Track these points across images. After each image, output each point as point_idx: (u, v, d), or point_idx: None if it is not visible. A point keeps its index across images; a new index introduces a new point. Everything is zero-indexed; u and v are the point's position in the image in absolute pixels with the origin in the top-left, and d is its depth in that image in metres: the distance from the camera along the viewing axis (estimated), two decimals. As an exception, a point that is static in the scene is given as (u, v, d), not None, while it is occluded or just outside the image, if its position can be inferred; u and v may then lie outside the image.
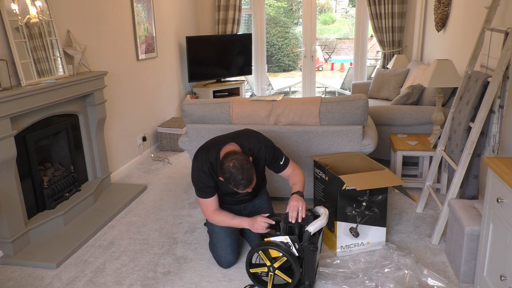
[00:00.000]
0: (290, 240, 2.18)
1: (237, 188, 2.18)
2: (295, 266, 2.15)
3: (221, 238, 2.51)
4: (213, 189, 2.40)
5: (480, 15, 3.27)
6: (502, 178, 1.82)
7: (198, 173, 2.35)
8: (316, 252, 2.18)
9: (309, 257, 2.18)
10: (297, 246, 2.18)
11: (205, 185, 2.37)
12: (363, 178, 2.51)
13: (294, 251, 2.18)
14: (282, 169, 2.49)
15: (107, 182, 3.71)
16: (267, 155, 2.42)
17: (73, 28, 3.37)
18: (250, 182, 2.17)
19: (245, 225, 2.37)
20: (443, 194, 3.40)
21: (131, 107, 4.33)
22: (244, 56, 6.08)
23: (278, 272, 2.22)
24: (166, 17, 5.20)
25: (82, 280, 2.46)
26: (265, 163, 2.46)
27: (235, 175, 2.12)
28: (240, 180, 2.12)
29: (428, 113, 3.73)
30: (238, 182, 2.13)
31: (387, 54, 5.96)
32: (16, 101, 2.56)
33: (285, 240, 2.18)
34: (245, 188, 2.18)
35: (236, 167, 2.11)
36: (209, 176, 2.34)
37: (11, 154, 2.56)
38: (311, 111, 3.07)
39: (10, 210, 2.63)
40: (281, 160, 2.47)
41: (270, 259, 2.23)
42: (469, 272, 2.29)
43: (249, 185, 2.17)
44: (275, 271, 2.22)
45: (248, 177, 2.14)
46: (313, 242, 2.17)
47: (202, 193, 2.40)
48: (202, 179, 2.35)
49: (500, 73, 2.43)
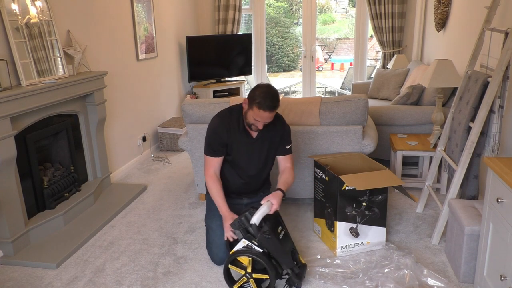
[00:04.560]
0: (247, 240, 2.22)
1: (262, 107, 2.24)
2: (265, 261, 2.17)
3: (216, 236, 2.53)
4: (222, 149, 2.46)
5: (480, 15, 3.27)
6: (502, 178, 1.82)
7: (216, 122, 2.47)
8: (275, 239, 2.19)
9: (271, 246, 2.20)
10: (256, 242, 2.21)
11: (216, 139, 2.44)
12: (363, 178, 2.51)
13: (257, 249, 2.20)
14: (284, 154, 2.57)
15: (107, 182, 3.71)
16: (284, 128, 2.54)
17: (73, 28, 3.37)
18: (276, 101, 2.27)
19: (222, 215, 2.44)
20: (443, 194, 3.40)
21: (131, 107, 4.33)
22: (244, 56, 6.08)
23: (256, 275, 2.24)
24: (166, 17, 5.20)
25: (82, 280, 2.46)
26: (280, 136, 2.53)
27: (263, 89, 2.28)
28: (266, 93, 2.25)
29: (428, 113, 3.73)
30: (264, 95, 2.24)
31: (387, 54, 5.96)
32: (16, 101, 2.56)
33: (244, 243, 2.23)
34: (270, 109, 2.25)
35: (264, 85, 2.31)
36: (225, 128, 2.43)
37: (11, 154, 2.56)
38: (311, 111, 3.07)
39: (10, 210, 2.63)
40: (288, 144, 2.56)
41: (243, 267, 2.25)
42: (469, 272, 2.29)
43: (274, 105, 2.26)
44: (252, 276, 2.23)
45: (275, 94, 2.28)
46: (264, 231, 2.18)
47: (209, 149, 2.48)
48: (217, 130, 2.44)
49: (500, 73, 2.43)
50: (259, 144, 2.50)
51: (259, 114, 2.27)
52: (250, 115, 2.33)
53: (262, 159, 2.54)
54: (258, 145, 2.50)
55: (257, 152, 2.51)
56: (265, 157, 2.55)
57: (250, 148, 2.49)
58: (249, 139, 2.48)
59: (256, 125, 2.36)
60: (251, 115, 2.32)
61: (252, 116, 2.32)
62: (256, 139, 2.49)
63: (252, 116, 2.32)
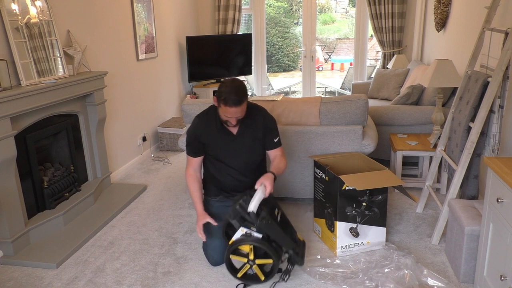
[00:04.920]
0: (246, 228, 2.20)
1: (228, 103, 2.24)
2: (266, 246, 2.17)
3: (211, 239, 2.54)
4: (200, 148, 2.51)
5: (480, 15, 3.27)
6: (502, 178, 1.82)
7: (193, 123, 2.52)
8: (274, 223, 2.19)
9: (271, 231, 2.19)
10: (255, 229, 2.20)
11: (193, 140, 2.49)
12: (363, 178, 2.51)
13: (257, 235, 2.19)
14: (273, 147, 2.57)
15: (107, 182, 3.71)
16: (266, 122, 2.52)
17: (73, 28, 3.37)
18: (241, 94, 2.26)
19: (196, 213, 2.53)
20: (443, 194, 3.40)
21: (131, 107, 4.33)
22: (244, 56, 6.08)
23: (259, 261, 2.23)
24: (166, 17, 5.20)
25: (82, 280, 2.46)
26: (263, 132, 2.51)
27: (227, 84, 2.28)
28: (229, 88, 2.25)
29: (428, 113, 3.73)
30: (228, 90, 2.24)
31: (387, 54, 5.96)
32: (16, 101, 2.56)
33: (242, 232, 2.21)
34: (236, 104, 2.24)
35: (228, 81, 2.31)
36: (200, 128, 2.47)
37: (11, 154, 2.56)
38: (311, 111, 3.07)
39: (10, 210, 2.63)
40: (275, 137, 2.56)
41: (244, 255, 2.25)
42: (469, 272, 2.29)
43: (239, 99, 2.24)
44: (255, 262, 2.23)
45: (239, 88, 2.27)
46: (263, 217, 2.16)
47: (188, 149, 2.54)
48: (194, 130, 2.49)
49: (500, 73, 2.43)
50: (241, 140, 2.49)
51: (227, 110, 2.28)
52: (221, 112, 2.35)
53: (246, 153, 2.53)
54: (240, 141, 2.49)
55: (239, 148, 2.50)
56: (250, 151, 2.53)
57: (232, 145, 2.49)
58: (230, 136, 2.48)
59: (230, 121, 2.36)
60: (221, 112, 2.34)
61: (222, 113, 2.33)
62: (236, 135, 2.49)
63: (223, 113, 2.33)
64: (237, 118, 2.35)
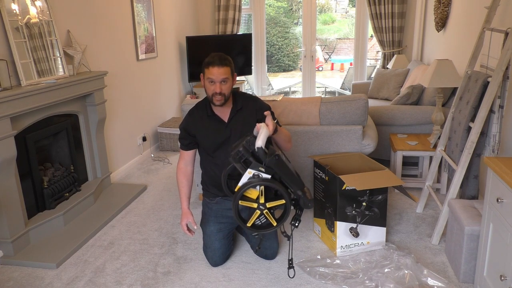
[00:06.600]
0: (253, 170, 2.02)
1: (211, 64, 2.29)
2: (278, 185, 2.04)
3: (210, 241, 2.53)
4: (191, 141, 2.50)
5: (480, 15, 3.27)
6: (502, 178, 1.82)
7: (185, 117, 2.53)
8: (282, 159, 2.03)
9: (281, 169, 2.03)
10: (263, 169, 2.02)
11: (184, 133, 2.50)
12: (363, 178, 2.51)
13: (265, 176, 2.03)
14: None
15: (107, 182, 3.71)
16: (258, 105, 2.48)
17: (73, 28, 3.37)
18: (224, 58, 2.33)
19: (182, 210, 2.54)
20: (443, 194, 3.40)
21: (131, 107, 4.33)
22: (244, 56, 6.08)
23: (270, 204, 2.09)
24: (166, 17, 5.20)
25: (82, 280, 2.46)
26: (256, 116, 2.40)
27: (211, 54, 2.35)
28: (213, 54, 2.33)
29: (428, 113, 3.73)
30: (212, 55, 2.32)
31: (387, 54, 5.96)
32: (16, 101, 2.56)
33: (249, 174, 2.02)
34: (219, 63, 2.29)
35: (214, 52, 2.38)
36: (190, 121, 2.47)
37: (11, 154, 2.56)
38: (311, 111, 3.07)
39: (10, 210, 2.63)
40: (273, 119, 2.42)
41: (253, 201, 2.09)
42: (469, 272, 2.29)
43: (223, 60, 2.31)
44: (266, 207, 2.08)
45: (223, 55, 2.35)
46: (271, 153, 2.01)
47: (181, 142, 2.54)
48: (184, 124, 2.49)
49: (500, 73, 2.43)
50: (233, 126, 2.42)
51: (210, 72, 2.28)
52: (206, 83, 2.33)
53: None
54: (232, 127, 2.42)
55: (232, 135, 2.42)
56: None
57: (225, 131, 2.43)
58: (221, 124, 2.43)
59: (214, 90, 2.30)
60: (206, 81, 2.33)
61: (207, 81, 2.32)
62: (228, 122, 2.43)
63: (207, 80, 2.32)
64: (221, 87, 2.29)
